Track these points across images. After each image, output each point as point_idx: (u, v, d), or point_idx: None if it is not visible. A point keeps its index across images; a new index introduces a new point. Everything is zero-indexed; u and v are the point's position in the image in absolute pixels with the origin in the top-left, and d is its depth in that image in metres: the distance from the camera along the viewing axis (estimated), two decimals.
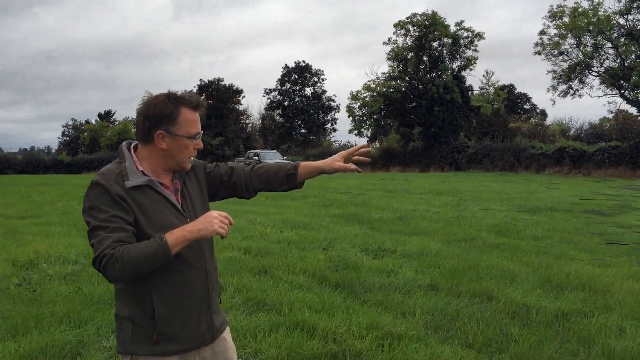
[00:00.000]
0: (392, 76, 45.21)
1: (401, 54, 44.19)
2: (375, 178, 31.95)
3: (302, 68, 55.96)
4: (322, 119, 56.34)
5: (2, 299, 6.18)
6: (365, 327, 5.25)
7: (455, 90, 41.31)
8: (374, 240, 10.40)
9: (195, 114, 2.35)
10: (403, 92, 44.22)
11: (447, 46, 43.51)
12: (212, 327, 2.42)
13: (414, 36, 43.87)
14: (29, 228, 11.89)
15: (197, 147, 2.39)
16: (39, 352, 4.61)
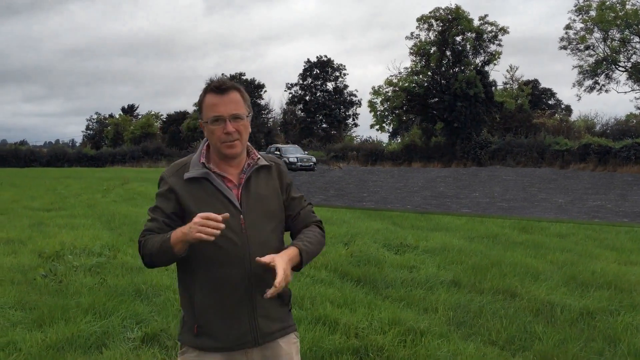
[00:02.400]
0: (414, 71, 44.92)
1: (424, 49, 43.86)
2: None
3: (323, 63, 55.89)
4: (343, 114, 56.25)
5: (29, 290, 6.29)
6: (387, 323, 5.23)
7: (479, 85, 40.90)
8: (396, 235, 10.37)
9: (218, 96, 2.26)
10: (425, 87, 43.92)
11: (471, 41, 43.08)
12: (257, 330, 2.27)
13: (437, 31, 43.52)
14: (55, 220, 12.07)
15: (225, 131, 2.25)
16: (65, 342, 4.68)
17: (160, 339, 4.81)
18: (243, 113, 2.29)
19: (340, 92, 56.09)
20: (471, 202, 18.80)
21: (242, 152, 2.34)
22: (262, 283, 2.22)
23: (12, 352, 4.45)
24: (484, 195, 20.93)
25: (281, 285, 2.09)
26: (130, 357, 4.43)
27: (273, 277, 2.11)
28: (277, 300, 2.31)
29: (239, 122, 2.27)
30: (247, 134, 2.33)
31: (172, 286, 6.44)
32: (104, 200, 17.25)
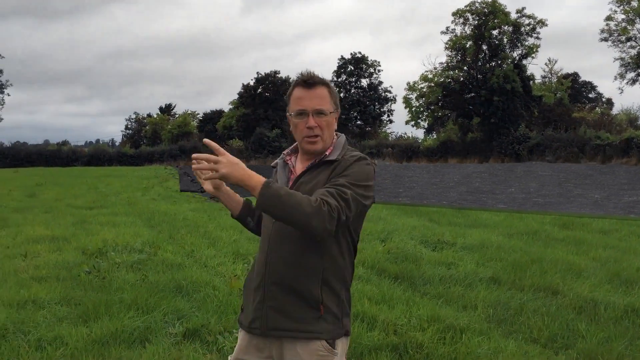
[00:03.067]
0: (450, 66, 44.40)
1: (460, 43, 43.31)
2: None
3: (357, 59, 55.67)
4: (378, 111, 55.96)
5: (73, 286, 6.46)
6: (426, 320, 5.21)
7: (516, 79, 40.17)
8: (433, 232, 10.30)
9: (305, 90, 2.28)
10: (461, 82, 43.35)
11: (508, 34, 42.33)
12: (264, 319, 2.26)
13: (473, 25, 42.90)
14: (97, 218, 12.34)
15: (308, 125, 2.26)
16: (109, 337, 4.79)
17: (201, 334, 4.88)
18: (327, 109, 2.28)
19: (375, 89, 55.80)
20: (507, 197, 18.63)
21: (324, 148, 2.31)
22: (274, 274, 2.26)
23: (59, 346, 4.58)
24: (520, 190, 20.67)
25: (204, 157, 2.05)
26: (173, 352, 4.50)
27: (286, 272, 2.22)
28: (299, 298, 2.22)
29: (322, 118, 2.27)
30: (331, 131, 2.32)
31: (212, 282, 6.53)
32: (144, 198, 17.57)
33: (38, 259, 7.94)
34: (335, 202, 2.06)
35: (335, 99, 2.34)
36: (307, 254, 2.22)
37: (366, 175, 2.22)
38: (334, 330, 2.24)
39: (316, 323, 2.22)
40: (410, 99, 45.67)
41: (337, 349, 2.25)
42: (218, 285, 6.42)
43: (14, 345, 4.56)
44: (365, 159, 2.27)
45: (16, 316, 5.26)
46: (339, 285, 2.27)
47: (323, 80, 2.32)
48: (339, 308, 2.26)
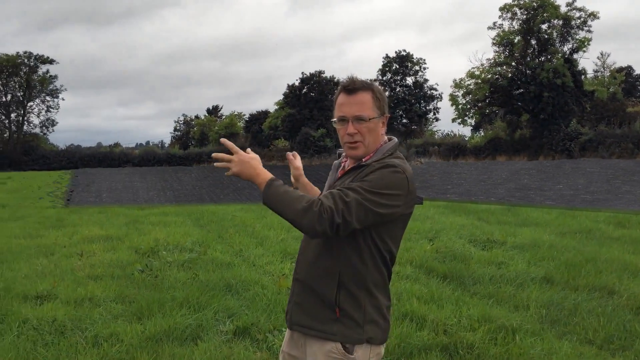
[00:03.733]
0: (497, 62, 43.57)
1: (507, 39, 42.46)
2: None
3: (402, 57, 55.23)
4: (423, 109, 55.42)
5: (127, 284, 6.63)
6: (477, 320, 5.14)
7: (567, 74, 39.10)
8: (482, 231, 10.15)
9: (346, 96, 2.28)
10: (509, 78, 42.45)
11: (557, 28, 41.24)
12: (291, 313, 2.37)
13: (521, 19, 41.98)
14: (148, 218, 12.65)
15: (347, 132, 2.27)
16: (162, 334, 4.90)
17: (252, 333, 4.94)
18: (367, 115, 2.25)
19: (420, 87, 55.26)
20: (555, 194, 18.29)
21: (366, 154, 2.30)
22: (300, 272, 2.36)
23: (115, 343, 4.71)
24: (568, 187, 20.22)
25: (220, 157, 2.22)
26: (224, 350, 4.57)
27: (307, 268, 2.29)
28: (317, 298, 2.26)
29: (362, 124, 2.25)
30: (374, 136, 2.28)
31: (260, 281, 6.61)
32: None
33: (93, 258, 8.19)
34: (330, 203, 2.05)
35: (381, 103, 2.30)
36: (325, 256, 2.25)
37: (387, 183, 2.15)
38: (351, 335, 2.21)
39: (331, 324, 2.22)
40: (456, 96, 45.02)
41: (354, 354, 2.22)
42: (266, 284, 6.49)
43: (72, 342, 4.72)
44: (392, 167, 2.18)
45: (74, 313, 5.44)
46: (360, 291, 2.23)
47: (365, 84, 2.29)
48: (361, 314, 2.22)
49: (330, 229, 2.05)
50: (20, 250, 8.89)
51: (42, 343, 4.69)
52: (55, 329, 5.01)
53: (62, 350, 4.55)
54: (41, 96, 49.00)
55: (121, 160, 46.15)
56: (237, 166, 2.19)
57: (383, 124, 2.33)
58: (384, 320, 2.27)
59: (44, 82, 48.41)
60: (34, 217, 13.91)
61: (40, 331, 4.96)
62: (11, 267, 7.65)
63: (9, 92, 47.64)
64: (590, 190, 18.91)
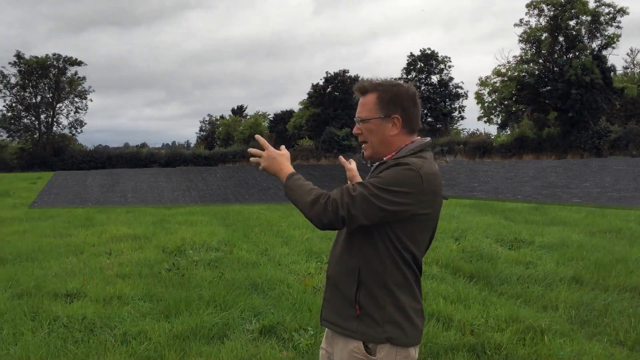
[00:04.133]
0: (524, 59, 43.02)
1: (534, 36, 41.90)
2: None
3: (427, 56, 54.87)
4: (449, 107, 55.02)
5: (155, 283, 6.71)
6: (504, 320, 5.08)
7: (595, 71, 38.42)
8: (509, 230, 10.04)
9: (362, 97, 2.36)
10: (536, 75, 41.89)
11: (586, 24, 40.55)
12: (322, 309, 2.42)
13: (548, 16, 41.39)
14: (175, 217, 12.78)
15: (353, 133, 2.42)
16: (189, 332, 4.94)
17: (277, 331, 4.95)
18: (367, 116, 2.30)
19: (445, 85, 54.87)
20: (582, 192, 18.10)
21: (377, 153, 2.33)
22: (329, 269, 2.38)
23: (143, 341, 4.77)
24: (595, 185, 19.95)
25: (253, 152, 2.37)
26: (250, 348, 4.59)
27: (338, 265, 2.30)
28: (340, 294, 2.29)
29: (364, 125, 2.33)
30: (378, 137, 2.29)
31: (286, 280, 6.62)
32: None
33: (121, 256, 8.30)
34: (335, 196, 2.11)
35: (386, 104, 2.28)
36: (347, 253, 2.29)
37: (397, 179, 2.13)
38: (370, 333, 2.20)
39: (352, 322, 2.24)
40: (482, 94, 44.61)
41: (376, 355, 2.20)
42: (292, 283, 6.51)
43: (101, 339, 4.79)
44: (406, 165, 2.16)
45: (103, 311, 5.52)
46: (379, 290, 2.21)
47: (372, 86, 2.33)
48: (380, 313, 2.20)
49: (336, 222, 2.10)
50: (50, 249, 9.05)
51: (72, 340, 4.77)
52: (84, 327, 5.09)
53: (91, 347, 4.62)
54: (70, 97, 49.83)
55: (148, 160, 46.70)
56: (265, 161, 2.33)
57: (394, 124, 2.29)
58: (408, 321, 2.22)
59: (73, 83, 49.23)
60: (64, 216, 14.16)
61: (70, 329, 5.04)
62: (42, 265, 7.79)
63: (38, 94, 48.55)
64: (617, 188, 18.68)
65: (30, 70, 47.08)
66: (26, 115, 48.30)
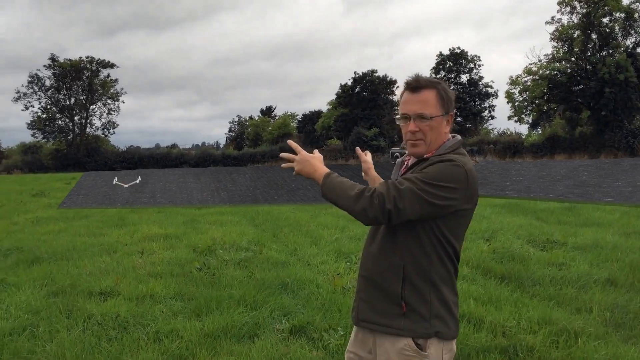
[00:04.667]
0: (556, 57, 42.33)
1: (566, 33, 41.19)
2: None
3: (457, 55, 54.39)
4: (478, 107, 54.44)
5: (186, 282, 6.79)
6: (537, 322, 5.01)
7: (630, 69, 37.58)
8: (541, 231, 9.89)
9: (411, 94, 2.30)
10: (568, 74, 41.18)
11: (620, 21, 39.69)
12: (357, 310, 2.39)
13: (580, 13, 40.66)
14: (205, 217, 12.91)
15: (409, 130, 2.30)
16: (220, 331, 4.99)
17: (307, 331, 4.97)
18: (429, 113, 2.26)
19: (475, 84, 54.31)
20: (613, 190, 17.82)
21: (427, 151, 2.31)
22: (364, 268, 2.38)
23: (175, 339, 4.83)
24: (627, 184, 19.57)
25: (286, 157, 2.42)
26: (280, 348, 4.61)
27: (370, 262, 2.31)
28: (382, 293, 2.28)
29: (424, 122, 2.27)
30: (436, 134, 2.29)
31: (315, 280, 6.64)
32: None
33: (153, 256, 8.42)
34: (381, 190, 2.10)
35: (445, 101, 2.29)
36: (388, 251, 2.27)
37: (444, 175, 2.15)
38: (418, 329, 2.21)
39: (398, 319, 2.24)
40: (512, 93, 44.01)
41: (427, 351, 2.22)
42: (321, 283, 6.52)
43: (134, 337, 4.87)
44: (452, 161, 2.19)
45: (136, 310, 5.61)
46: (425, 285, 2.23)
47: (430, 82, 2.30)
48: (427, 308, 2.22)
49: (382, 215, 2.08)
50: (84, 248, 9.23)
51: (106, 338, 4.86)
52: (118, 325, 5.18)
53: (125, 345, 4.70)
54: (103, 99, 50.74)
55: (178, 161, 47.26)
56: (298, 165, 2.34)
57: (448, 122, 2.33)
58: (451, 315, 2.26)
59: (106, 85, 50.13)
60: (97, 216, 14.42)
61: (104, 326, 5.13)
62: (76, 264, 7.95)
63: (72, 96, 49.54)
64: None
65: (64, 72, 48.07)
66: (60, 117, 49.38)
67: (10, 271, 7.57)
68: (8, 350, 4.59)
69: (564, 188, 19.55)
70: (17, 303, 5.91)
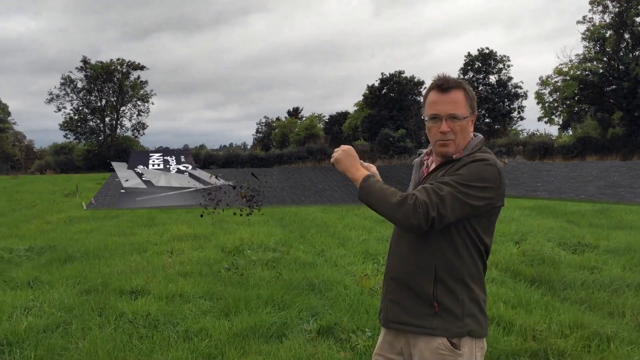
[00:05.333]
0: (587, 57, 41.65)
1: (598, 33, 40.50)
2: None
3: (485, 55, 53.88)
4: (507, 108, 53.83)
5: (215, 282, 6.85)
6: (568, 326, 4.94)
7: None
8: (572, 234, 9.74)
9: (439, 95, 2.29)
10: (600, 74, 40.50)
11: None
12: (385, 311, 2.39)
13: (613, 12, 39.94)
14: (233, 218, 12.98)
15: (440, 130, 2.28)
16: (249, 330, 5.03)
17: (335, 332, 4.97)
18: (461, 114, 2.27)
19: (504, 85, 53.73)
20: None
21: (456, 151, 2.31)
22: (392, 269, 2.38)
23: (204, 338, 4.88)
24: None
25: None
26: (308, 348, 4.63)
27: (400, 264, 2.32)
28: (413, 293, 2.28)
29: (455, 123, 2.27)
30: (465, 134, 2.30)
31: (343, 281, 6.64)
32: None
33: (182, 255, 8.52)
34: (424, 197, 2.09)
35: (472, 102, 2.31)
36: (419, 251, 2.27)
37: (480, 175, 2.17)
38: (451, 328, 2.22)
39: (431, 319, 2.25)
40: (543, 94, 43.42)
41: (461, 349, 2.23)
42: (349, 284, 6.52)
43: (164, 336, 4.93)
44: (485, 160, 2.20)
45: (166, 308, 5.68)
46: (457, 284, 2.24)
47: (458, 83, 2.30)
48: (459, 307, 2.23)
49: (425, 223, 2.08)
50: (115, 247, 9.38)
51: (137, 336, 4.94)
52: (149, 323, 5.26)
53: (155, 343, 4.77)
54: (133, 101, 51.55)
55: (206, 161, 47.66)
56: (343, 154, 2.36)
57: (472, 122, 2.35)
58: (482, 313, 2.28)
59: (136, 87, 50.92)
60: (127, 215, 14.63)
61: (136, 325, 5.21)
62: (108, 263, 8.08)
63: (103, 98, 50.44)
64: None
65: (96, 75, 48.94)
66: (92, 118, 50.31)
67: (44, 269, 7.74)
68: (42, 347, 4.69)
69: (595, 189, 19.38)
70: (51, 301, 6.03)
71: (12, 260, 8.52)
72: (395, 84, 49.12)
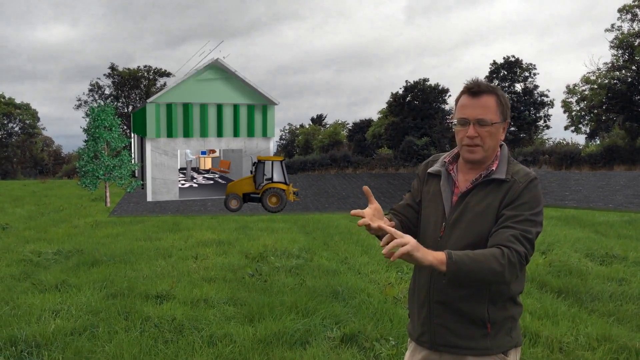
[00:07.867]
0: (615, 66, 41.06)
1: (627, 41, 39.91)
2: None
3: (511, 63, 53.39)
4: (533, 116, 53.26)
5: (239, 287, 6.89)
6: (596, 338, 4.86)
7: None
8: (600, 245, 9.58)
9: (470, 99, 2.23)
10: (629, 82, 39.88)
11: None
12: (432, 334, 2.29)
13: None
14: (257, 224, 13.07)
15: (467, 135, 2.22)
16: (272, 337, 5.04)
17: (359, 340, 4.96)
18: (490, 119, 2.21)
19: (530, 93, 53.17)
20: None
21: (485, 158, 2.26)
22: (439, 293, 2.26)
23: (229, 343, 4.91)
24: None
25: (387, 249, 1.90)
26: (331, 356, 4.62)
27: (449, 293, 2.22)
28: (465, 318, 2.22)
29: (484, 128, 2.21)
30: (494, 141, 2.25)
31: (367, 289, 6.63)
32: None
33: (207, 261, 8.59)
34: (522, 249, 2.06)
35: (504, 108, 2.26)
36: None
37: (539, 199, 2.19)
38: (505, 345, 2.24)
39: (485, 340, 2.22)
40: (569, 102, 42.89)
41: (509, 357, 2.27)
42: (372, 292, 6.50)
43: (189, 340, 4.97)
44: (535, 180, 2.19)
45: (191, 313, 5.73)
46: (507, 302, 2.24)
47: (491, 88, 2.25)
48: (509, 322, 2.25)
49: (522, 269, 2.13)
50: (141, 252, 9.49)
51: (163, 340, 4.98)
52: (174, 328, 5.30)
53: (180, 348, 4.81)
54: None
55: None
56: (414, 249, 1.92)
57: (504, 129, 2.30)
58: (518, 322, 2.34)
59: None
60: (153, 221, 14.80)
61: (161, 329, 5.27)
62: (134, 267, 8.18)
63: (130, 104, 51.13)
64: None
65: (123, 81, 49.70)
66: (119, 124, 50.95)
67: (72, 273, 7.86)
68: (70, 350, 4.76)
69: (624, 198, 19.12)
70: (78, 304, 6.12)
71: (41, 263, 8.68)
72: (419, 92, 48.94)
